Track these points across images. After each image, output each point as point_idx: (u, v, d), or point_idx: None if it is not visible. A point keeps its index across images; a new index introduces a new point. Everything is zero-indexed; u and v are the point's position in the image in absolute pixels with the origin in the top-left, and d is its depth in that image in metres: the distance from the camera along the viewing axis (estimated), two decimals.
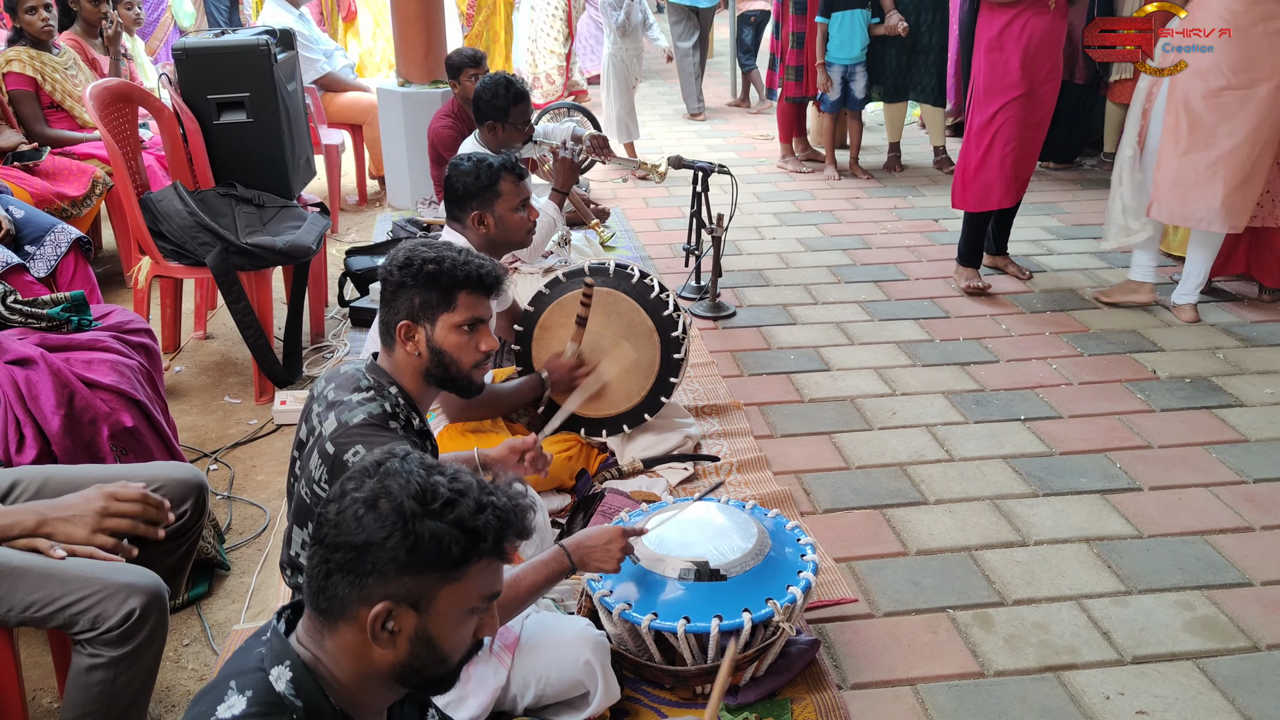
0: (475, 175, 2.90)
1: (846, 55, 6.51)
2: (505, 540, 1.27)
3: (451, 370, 2.02)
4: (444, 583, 1.23)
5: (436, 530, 1.21)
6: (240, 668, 1.27)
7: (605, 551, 2.08)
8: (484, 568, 1.26)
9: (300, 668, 1.25)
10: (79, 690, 1.87)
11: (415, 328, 1.99)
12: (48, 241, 3.39)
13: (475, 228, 2.94)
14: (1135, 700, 2.32)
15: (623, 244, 5.48)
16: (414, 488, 1.23)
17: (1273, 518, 3.01)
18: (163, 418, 2.81)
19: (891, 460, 3.34)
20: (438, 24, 6.01)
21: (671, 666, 2.22)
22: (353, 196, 6.45)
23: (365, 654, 1.25)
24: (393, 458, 1.28)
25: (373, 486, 1.24)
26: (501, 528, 1.26)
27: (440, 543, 1.21)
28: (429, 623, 1.24)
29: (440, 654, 1.27)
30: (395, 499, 1.22)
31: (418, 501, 1.22)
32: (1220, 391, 3.78)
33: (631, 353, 3.14)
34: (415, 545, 1.20)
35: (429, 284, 1.97)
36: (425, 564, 1.21)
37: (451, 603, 1.25)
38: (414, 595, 1.22)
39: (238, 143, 3.91)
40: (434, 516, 1.21)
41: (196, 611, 2.66)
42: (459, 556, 1.22)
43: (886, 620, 2.60)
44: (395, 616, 1.23)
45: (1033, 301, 4.67)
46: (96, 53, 5.14)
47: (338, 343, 4.31)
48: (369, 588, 1.21)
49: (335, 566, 1.22)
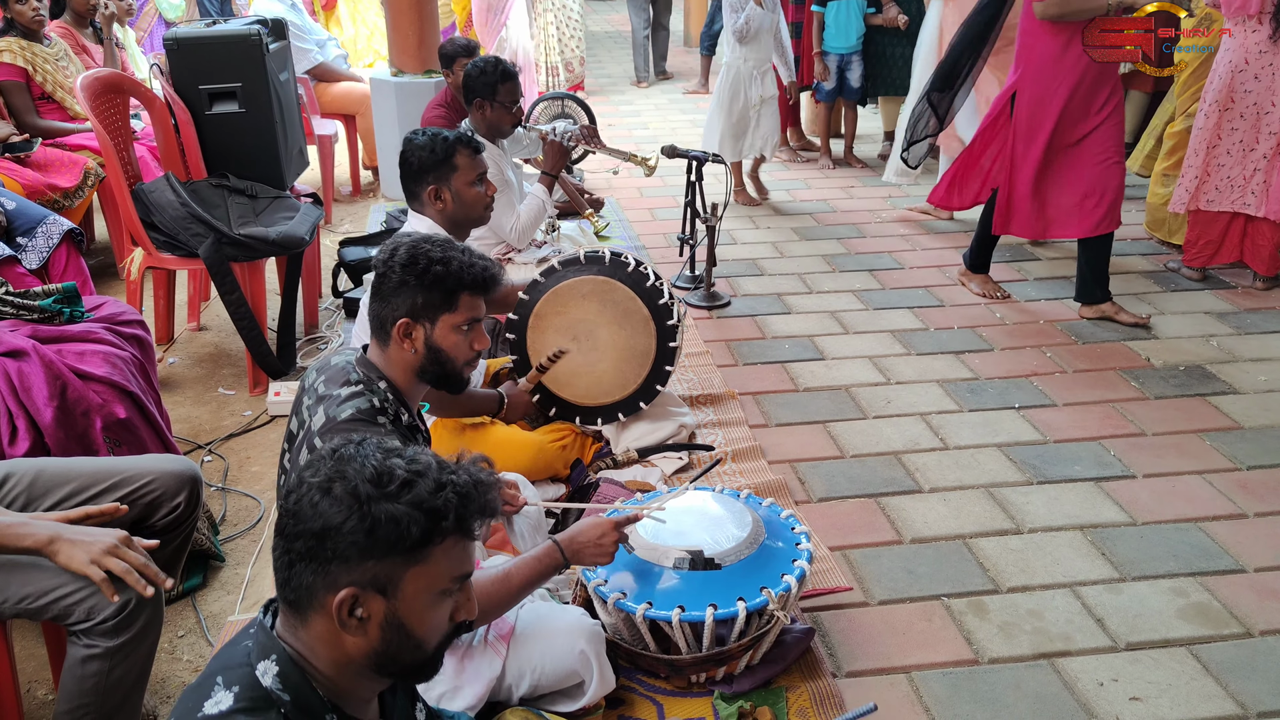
0: (430, 149, 2.85)
1: (843, 44, 6.49)
2: (468, 518, 1.24)
3: (447, 368, 2.02)
4: (409, 565, 1.21)
5: (394, 512, 1.19)
6: (227, 663, 1.26)
7: (598, 545, 2.08)
8: (449, 547, 1.24)
9: (286, 661, 1.24)
10: (74, 682, 1.87)
11: (415, 326, 1.98)
12: (39, 233, 3.37)
13: (432, 203, 2.89)
14: (1129, 687, 2.33)
15: (617, 233, 5.47)
16: (369, 471, 1.21)
17: (1266, 504, 3.02)
18: (156, 409, 2.81)
19: (886, 449, 3.34)
20: (430, 13, 5.98)
21: (666, 655, 2.22)
22: (346, 187, 6.43)
23: (338, 643, 1.24)
24: (349, 444, 1.26)
25: (327, 471, 1.22)
26: (463, 505, 1.23)
27: (399, 524, 1.19)
28: (399, 607, 1.22)
29: (414, 639, 1.25)
30: (350, 482, 1.20)
31: (373, 484, 1.20)
32: (1214, 379, 3.79)
33: (621, 339, 3.14)
34: (373, 528, 1.18)
35: (434, 285, 1.97)
36: (386, 547, 1.19)
37: (420, 585, 1.23)
38: (379, 580, 1.20)
39: (230, 133, 3.90)
40: (391, 499, 1.19)
41: (191, 603, 2.66)
42: (420, 537, 1.20)
43: (881, 608, 2.60)
44: (362, 602, 1.21)
45: (1027, 290, 4.68)
46: (87, 41, 5.12)
47: (331, 333, 4.30)
48: (332, 574, 1.20)
49: (297, 556, 1.20)
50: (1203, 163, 4.43)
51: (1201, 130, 4.42)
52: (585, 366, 3.19)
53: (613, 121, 8.29)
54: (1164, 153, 5.12)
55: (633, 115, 8.66)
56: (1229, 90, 4.29)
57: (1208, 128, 4.39)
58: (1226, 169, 4.40)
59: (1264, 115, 4.27)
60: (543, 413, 3.25)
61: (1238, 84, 4.27)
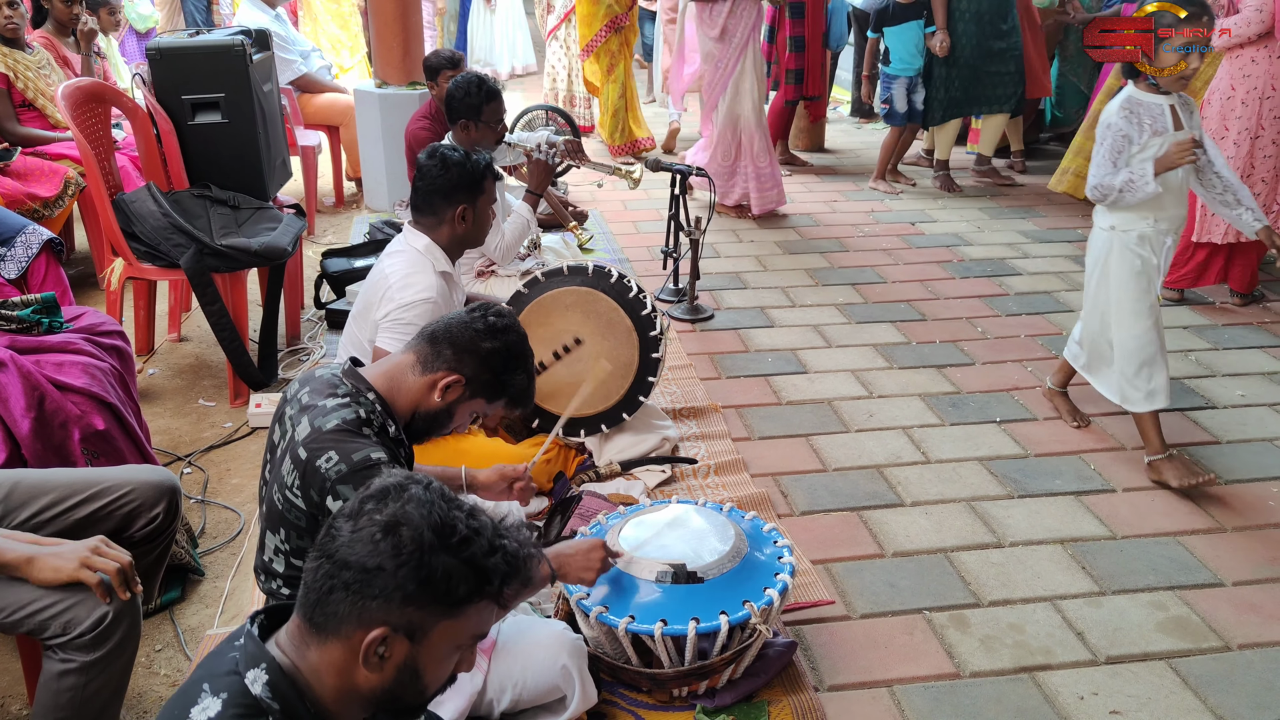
0: (466, 168, 2.87)
1: (911, 67, 6.29)
2: (510, 585, 1.28)
3: (434, 430, 2.05)
4: (443, 618, 1.24)
5: (449, 566, 1.22)
6: (213, 670, 1.26)
7: (585, 562, 2.09)
8: (482, 608, 1.27)
9: (277, 671, 1.24)
10: (50, 696, 1.84)
11: (460, 390, 1.99)
12: (19, 243, 3.35)
13: (455, 224, 2.89)
14: (1109, 700, 2.34)
15: (601, 246, 5.48)
16: (435, 519, 1.23)
17: (1244, 519, 3.04)
18: (135, 421, 2.78)
19: (868, 462, 3.35)
20: (415, 25, 5.99)
21: (649, 669, 2.21)
22: (329, 198, 6.41)
23: (349, 674, 1.25)
24: (415, 484, 1.28)
25: (394, 511, 1.23)
26: (509, 572, 1.27)
27: (451, 579, 1.22)
28: (420, 654, 1.25)
29: (421, 685, 1.28)
30: (416, 528, 1.21)
31: (436, 534, 1.22)
32: (1192, 393, 3.82)
33: (604, 350, 3.15)
34: (427, 578, 1.21)
35: (501, 388, 2.04)
36: (431, 598, 1.22)
37: (444, 638, 1.25)
38: (412, 626, 1.23)
39: (213, 144, 3.88)
40: (449, 551, 1.22)
41: (169, 616, 2.64)
42: (464, 595, 1.23)
43: (863, 622, 2.61)
44: (389, 643, 1.22)
45: (1008, 304, 4.71)
46: (69, 51, 5.09)
47: (313, 345, 4.28)
48: (370, 611, 1.21)
49: (341, 584, 1.21)
50: None
51: (1232, 160, 4.36)
52: (569, 377, 3.18)
53: None
54: None
55: None
56: (1258, 118, 4.29)
57: (1239, 157, 4.36)
58: (1263, 196, 4.39)
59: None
60: (525, 423, 3.24)
61: (1266, 111, 4.27)
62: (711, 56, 5.78)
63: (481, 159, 2.92)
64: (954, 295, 4.82)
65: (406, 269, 2.81)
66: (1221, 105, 4.39)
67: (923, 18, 6.21)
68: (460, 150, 2.91)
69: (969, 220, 6.01)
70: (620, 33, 7.16)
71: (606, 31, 7.10)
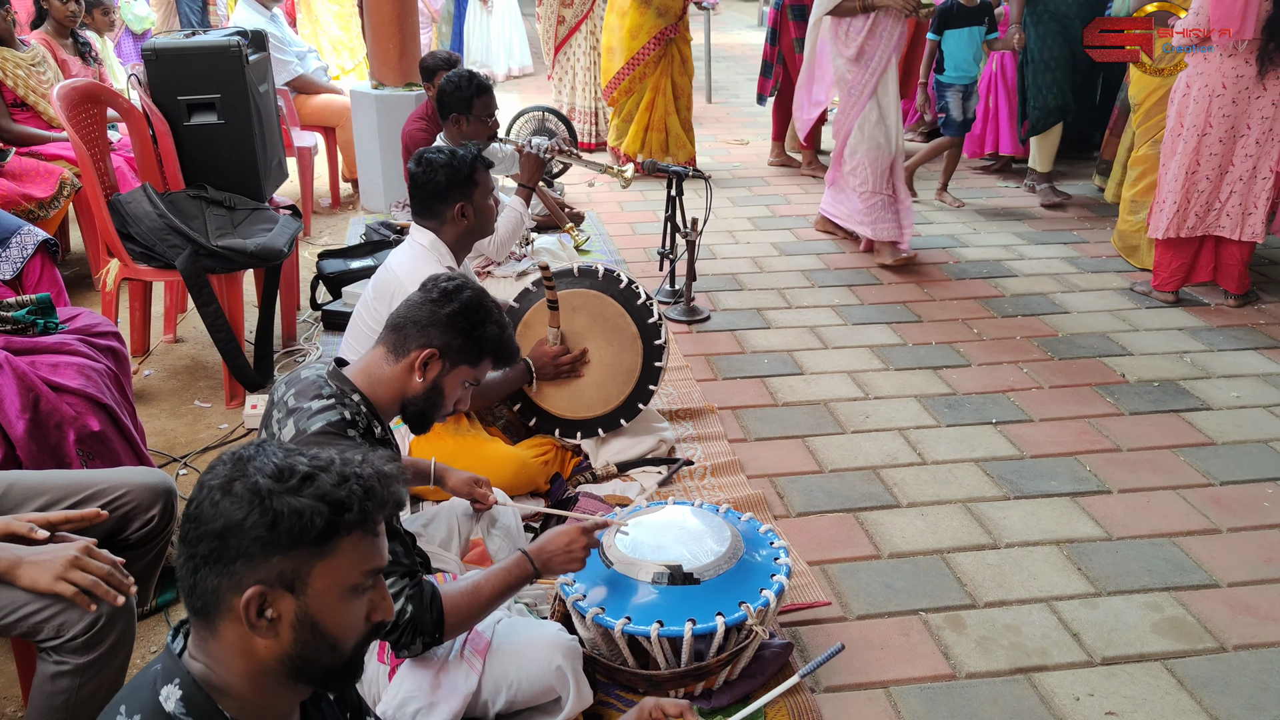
0: (453, 167, 2.89)
1: (967, 75, 5.98)
2: (373, 510, 1.22)
3: (431, 412, 2.05)
4: (315, 559, 1.19)
5: (297, 505, 1.17)
6: (133, 689, 1.23)
7: (567, 553, 2.07)
8: (356, 541, 1.21)
9: (190, 684, 1.20)
10: (44, 699, 1.84)
11: (438, 364, 1.99)
12: (14, 243, 3.34)
13: (456, 221, 2.93)
14: (1104, 701, 2.34)
15: (597, 247, 5.48)
16: (270, 467, 1.19)
17: (1239, 520, 3.04)
18: (130, 422, 2.78)
19: (864, 463, 3.35)
20: (411, 27, 5.99)
21: (645, 671, 2.21)
22: (325, 199, 6.40)
23: (250, 649, 1.20)
24: (251, 447, 1.24)
25: (227, 472, 1.20)
26: (366, 497, 1.21)
27: (301, 516, 1.17)
28: (309, 605, 1.20)
29: (329, 639, 1.22)
30: (250, 479, 1.18)
31: (274, 479, 1.18)
32: (1188, 395, 3.83)
33: (608, 354, 3.15)
34: (275, 521, 1.16)
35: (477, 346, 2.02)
36: (290, 540, 1.17)
37: (329, 581, 1.20)
38: (286, 576, 1.18)
39: (209, 144, 3.87)
40: (292, 492, 1.18)
41: (165, 618, 2.63)
42: (324, 529, 1.18)
43: (859, 623, 2.61)
44: (271, 601, 1.18)
45: (1004, 306, 4.71)
46: (67, 55, 5.08)
47: (309, 346, 4.28)
48: (238, 574, 1.17)
49: (201, 560, 1.18)
50: (1183, 188, 4.46)
51: (1181, 156, 4.44)
52: (570, 379, 3.18)
53: None
54: (1130, 180, 5.18)
55: None
56: (1206, 115, 4.34)
57: (1186, 153, 4.42)
58: (1205, 194, 4.44)
59: (1240, 138, 4.33)
60: (523, 423, 3.24)
61: (1215, 109, 4.32)
62: (845, 80, 5.09)
63: (468, 152, 2.93)
64: (950, 297, 4.82)
65: (414, 265, 2.84)
66: (1179, 102, 4.46)
67: (984, 23, 5.88)
68: (445, 150, 2.92)
69: (965, 222, 6.02)
70: (668, 45, 6.67)
71: (654, 44, 6.62)
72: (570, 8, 7.51)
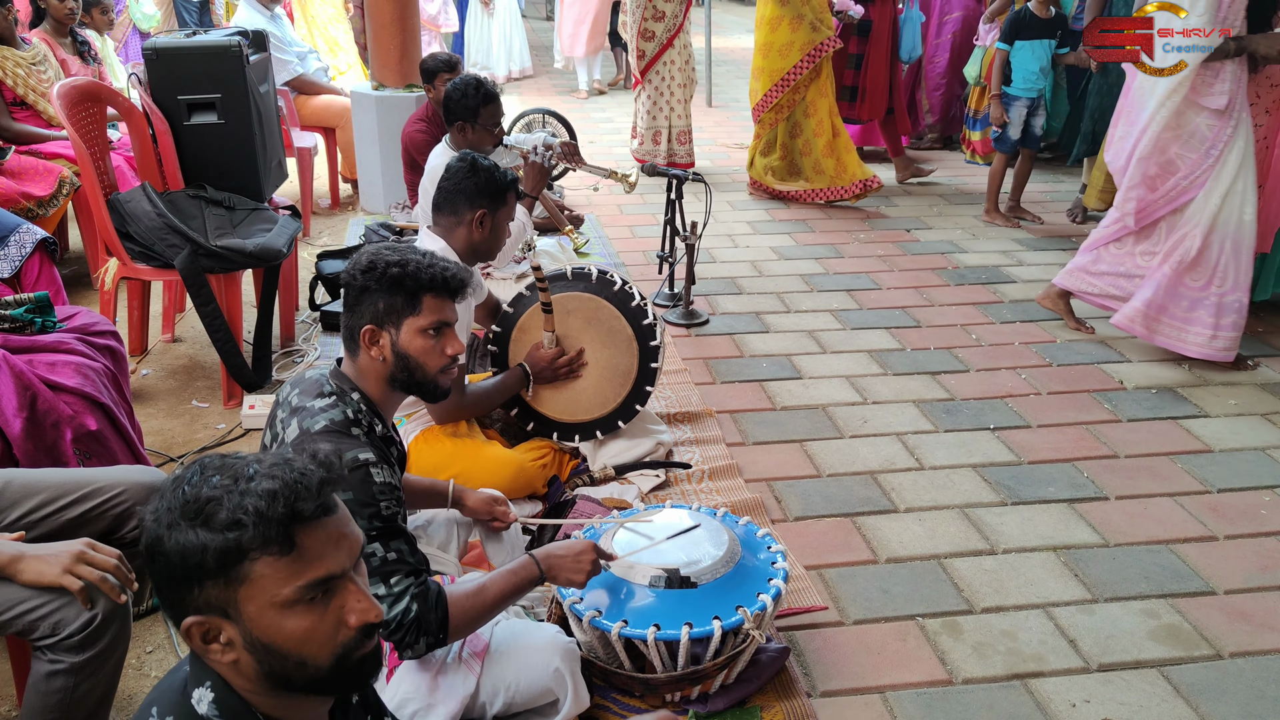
0: (493, 176, 2.91)
1: (1034, 87, 5.76)
2: (273, 533, 1.14)
3: (417, 375, 2.00)
4: (233, 586, 1.15)
5: (185, 541, 1.13)
6: (164, 691, 1.23)
7: (575, 564, 2.08)
8: (269, 564, 1.15)
9: (222, 686, 1.20)
10: (38, 698, 1.83)
11: (380, 332, 1.97)
12: (12, 242, 3.34)
13: (472, 228, 2.91)
14: (1101, 708, 2.34)
15: (596, 250, 5.48)
16: (179, 501, 1.15)
17: (1236, 527, 3.05)
18: (128, 421, 2.78)
19: (862, 468, 3.35)
20: (412, 28, 5.99)
21: (641, 674, 2.21)
22: (325, 200, 6.41)
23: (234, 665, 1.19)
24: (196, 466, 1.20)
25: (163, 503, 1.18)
26: (259, 519, 1.14)
27: (189, 555, 1.13)
28: (250, 628, 1.16)
29: (291, 656, 1.18)
30: (163, 510, 1.16)
31: (179, 513, 1.15)
32: (1185, 402, 3.83)
33: (604, 357, 3.14)
34: (183, 555, 1.14)
35: (393, 287, 1.95)
36: (199, 574, 1.14)
37: (258, 604, 1.15)
38: (214, 604, 1.15)
39: (208, 144, 3.87)
40: (190, 525, 1.14)
41: (161, 618, 2.63)
42: (218, 561, 1.13)
43: (856, 628, 2.61)
44: (214, 627, 1.16)
45: (1002, 312, 4.72)
46: (66, 54, 5.08)
47: (308, 347, 4.28)
48: (174, 608, 1.17)
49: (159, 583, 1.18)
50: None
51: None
52: (566, 383, 3.18)
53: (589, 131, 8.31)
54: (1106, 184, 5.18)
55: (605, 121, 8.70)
56: None
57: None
58: None
59: None
60: (520, 427, 3.24)
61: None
62: (1198, 135, 3.94)
63: (510, 174, 2.96)
64: (948, 302, 4.83)
65: None
66: None
67: (1056, 36, 5.68)
68: (492, 161, 2.94)
69: (963, 228, 6.03)
70: (818, 64, 6.23)
71: (807, 63, 6.19)
72: (661, 22, 6.64)
